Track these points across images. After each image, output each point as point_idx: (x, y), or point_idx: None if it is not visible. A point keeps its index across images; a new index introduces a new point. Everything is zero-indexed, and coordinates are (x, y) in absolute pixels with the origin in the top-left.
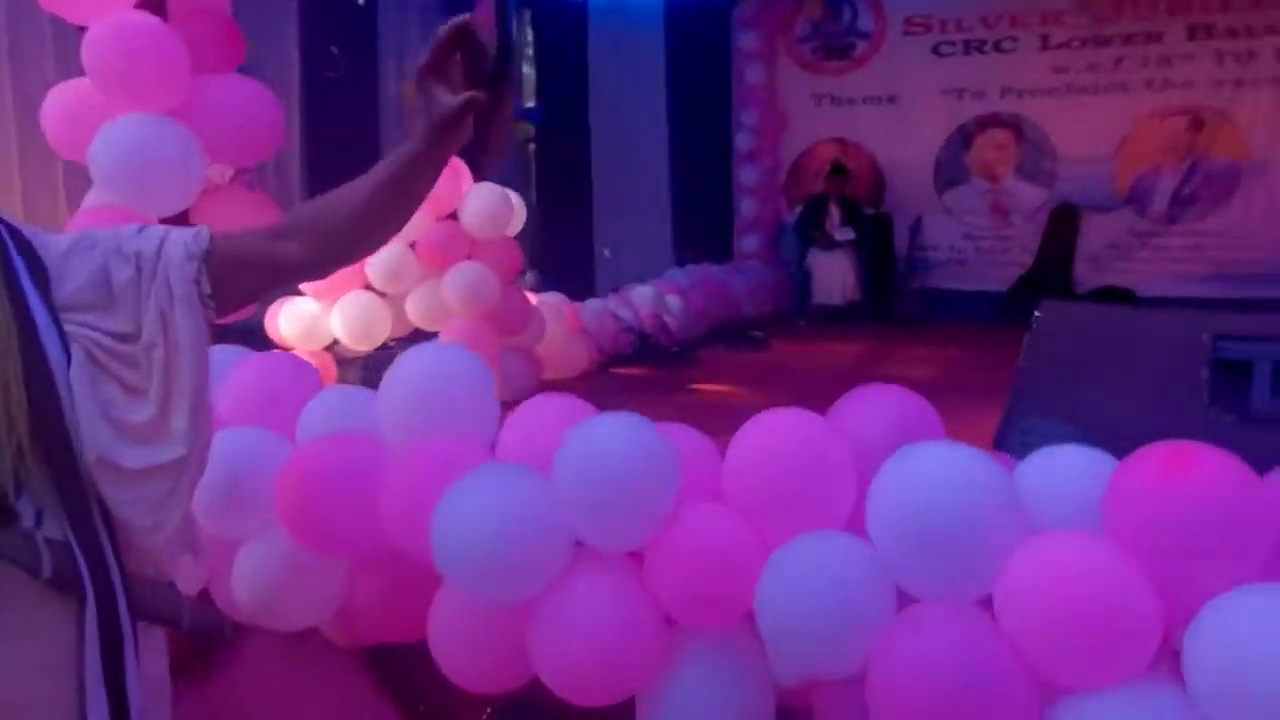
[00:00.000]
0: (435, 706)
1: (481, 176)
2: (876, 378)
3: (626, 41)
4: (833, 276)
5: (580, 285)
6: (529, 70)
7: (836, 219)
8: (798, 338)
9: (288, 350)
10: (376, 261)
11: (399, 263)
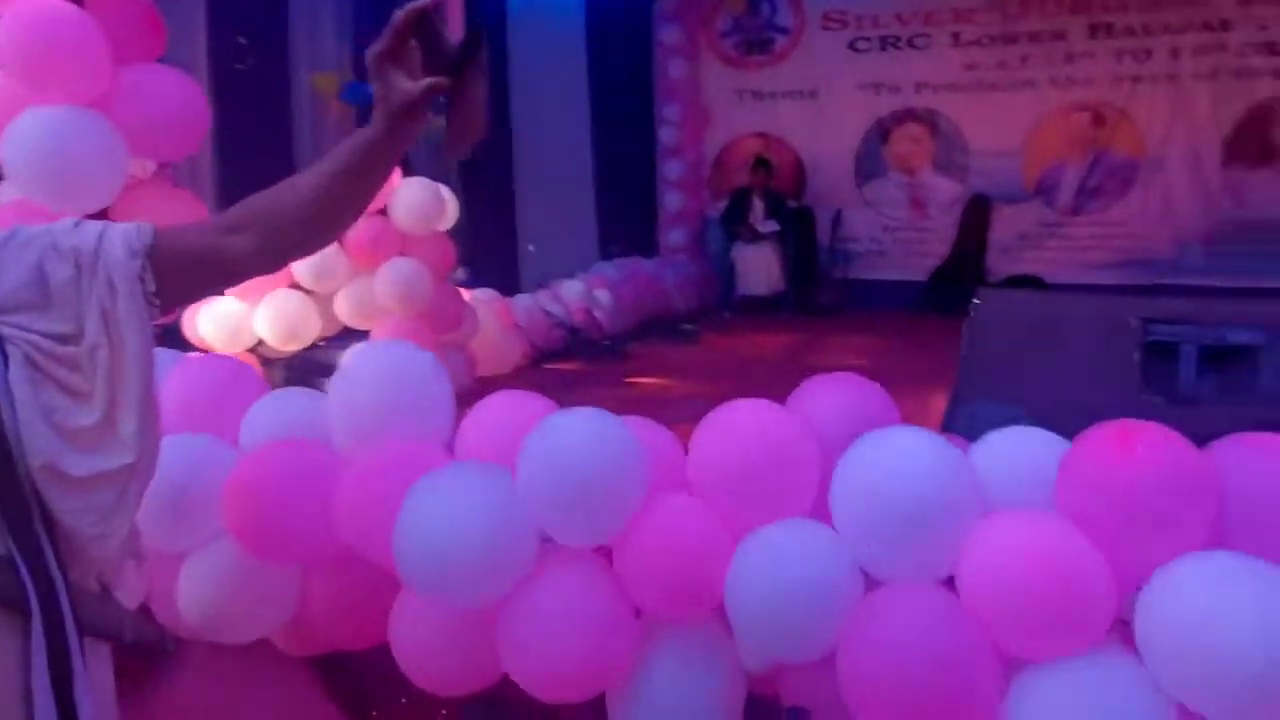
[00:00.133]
0: (387, 711)
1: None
2: (806, 367)
3: (547, 35)
4: (758, 268)
5: (505, 281)
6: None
7: (760, 212)
8: (726, 329)
9: (207, 352)
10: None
11: (327, 260)
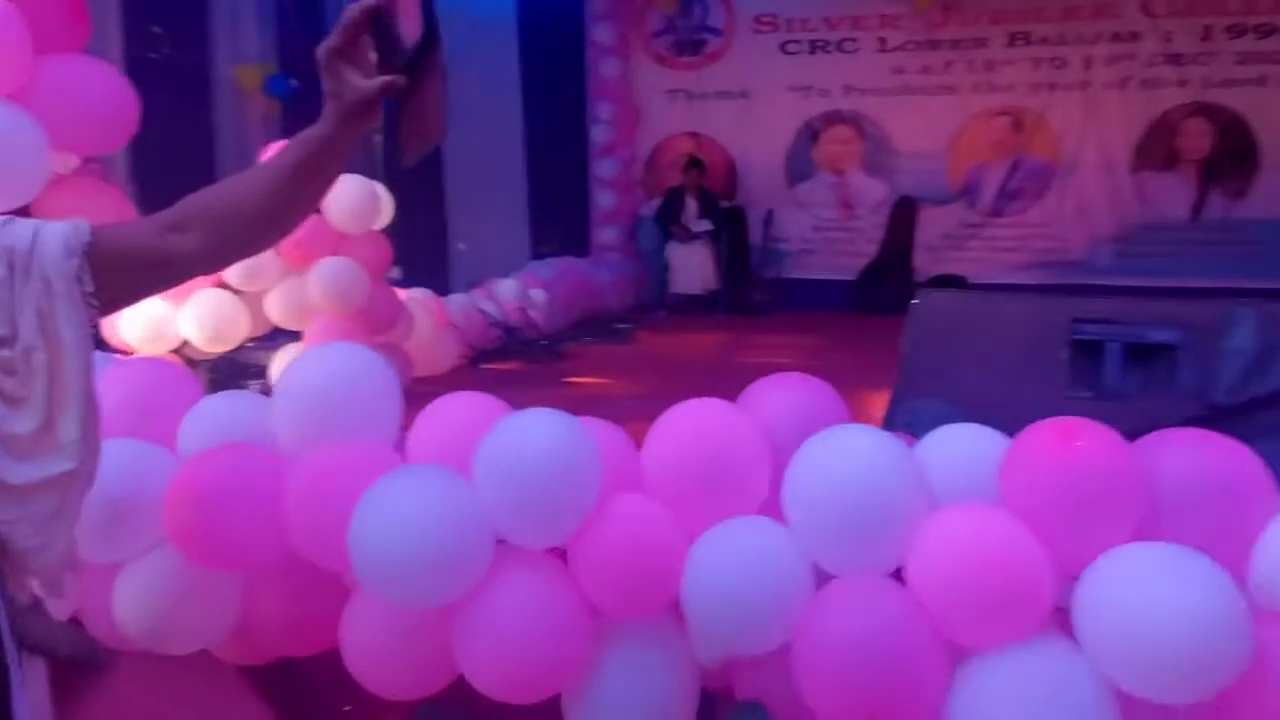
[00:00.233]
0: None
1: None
2: (741, 365)
3: (479, 32)
4: (691, 267)
5: (436, 281)
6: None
7: (693, 211)
8: (660, 328)
9: (128, 354)
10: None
11: (258, 259)
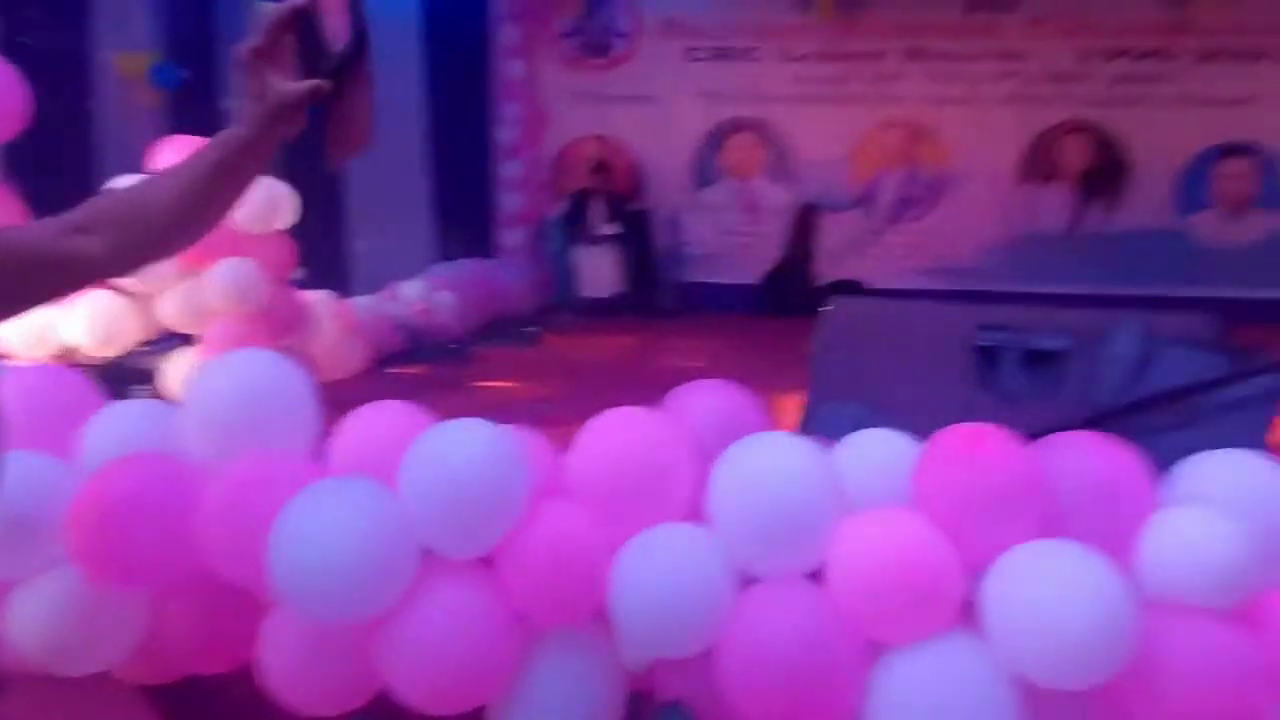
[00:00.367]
0: None
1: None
2: (650, 369)
3: (380, 30)
4: (598, 270)
5: (334, 282)
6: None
7: (600, 214)
8: (567, 331)
9: (4, 359)
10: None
11: None
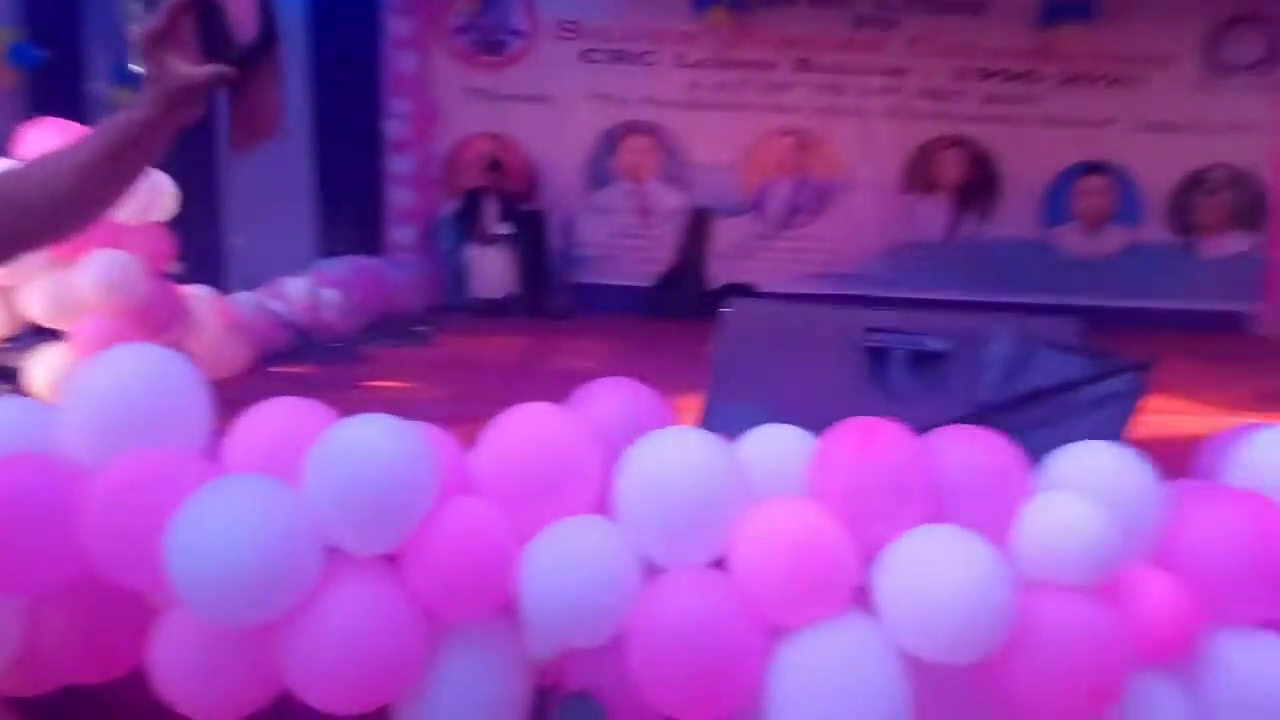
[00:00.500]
0: None
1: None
2: (544, 369)
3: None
4: (491, 270)
5: (211, 277)
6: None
7: (494, 213)
8: (459, 331)
9: None
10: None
11: None
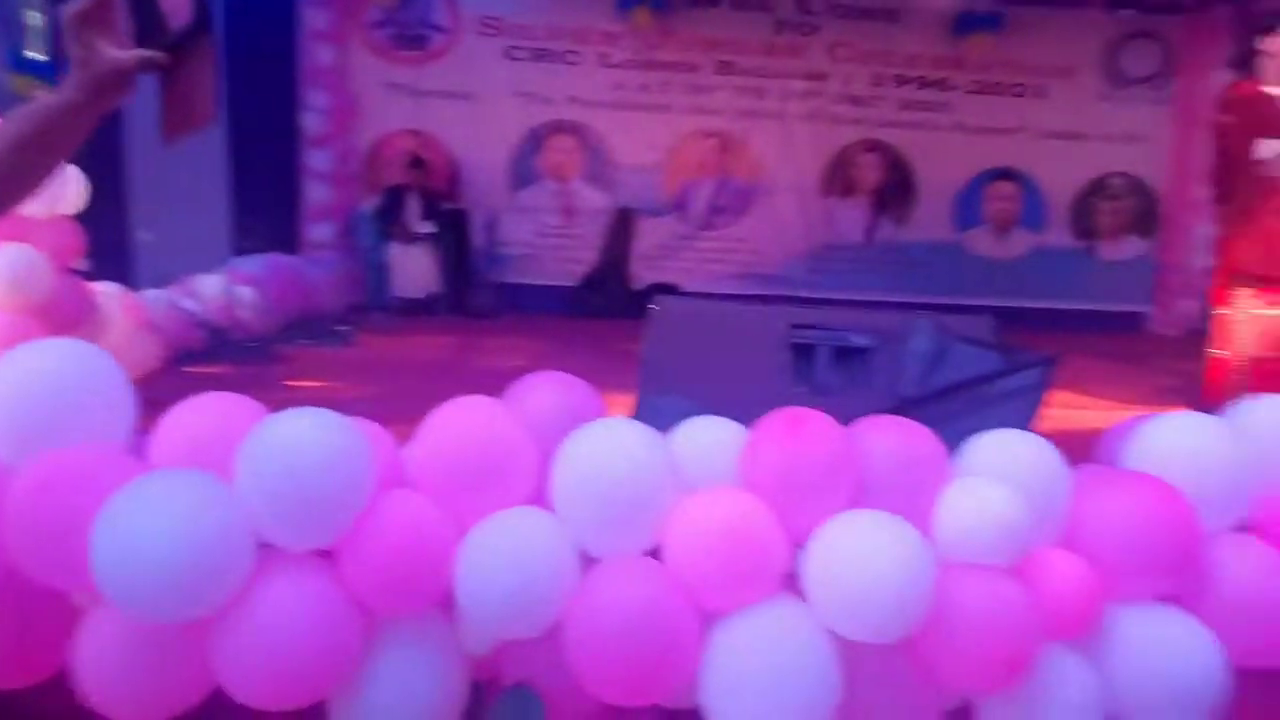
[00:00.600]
0: None
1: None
2: (469, 369)
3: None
4: (413, 269)
5: (117, 274)
6: (39, 17)
7: (415, 211)
8: (381, 331)
9: None
10: None
11: None
